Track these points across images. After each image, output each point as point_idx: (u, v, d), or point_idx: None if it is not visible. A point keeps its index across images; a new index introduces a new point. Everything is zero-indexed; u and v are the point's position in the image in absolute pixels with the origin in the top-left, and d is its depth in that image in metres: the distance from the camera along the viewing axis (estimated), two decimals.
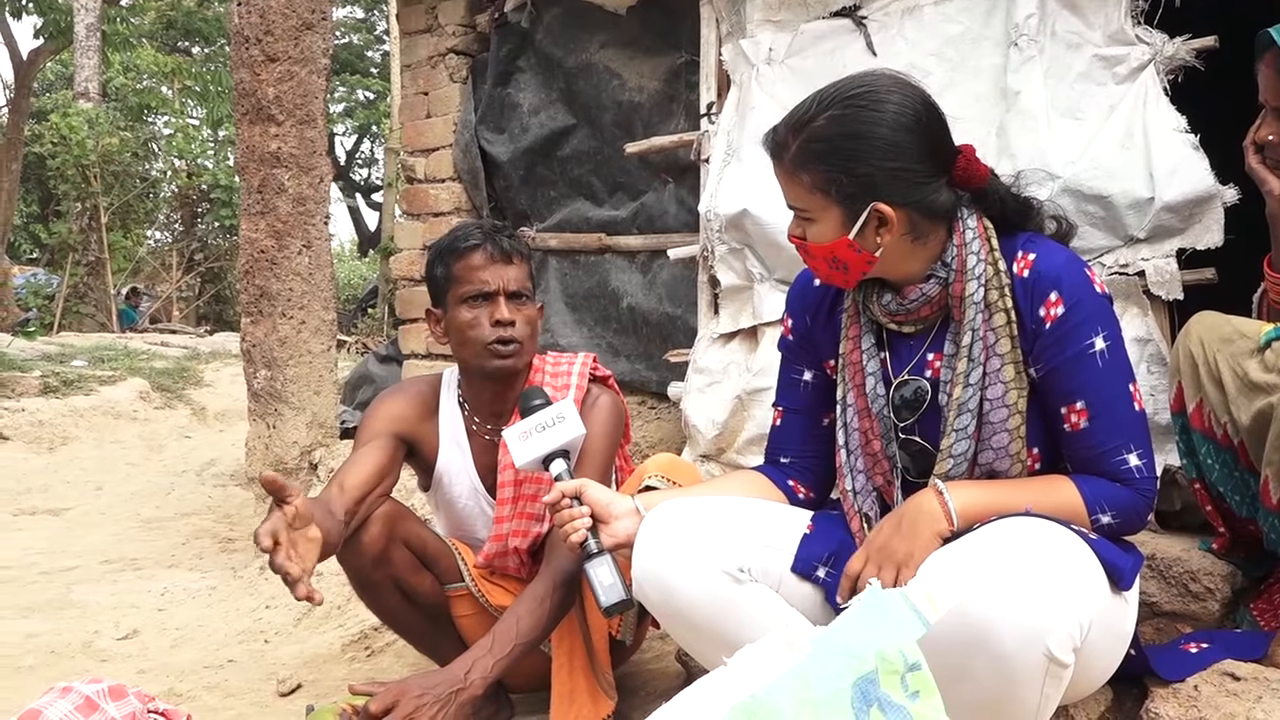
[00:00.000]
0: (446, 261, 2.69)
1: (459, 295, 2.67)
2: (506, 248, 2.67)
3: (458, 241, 2.68)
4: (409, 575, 2.74)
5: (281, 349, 4.90)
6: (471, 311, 2.66)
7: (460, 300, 2.67)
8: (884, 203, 1.96)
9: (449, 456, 2.83)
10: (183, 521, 6.21)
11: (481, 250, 2.65)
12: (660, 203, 4.91)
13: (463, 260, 2.66)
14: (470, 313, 2.66)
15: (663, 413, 4.84)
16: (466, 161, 5.68)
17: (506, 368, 2.69)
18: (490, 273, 2.65)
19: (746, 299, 3.90)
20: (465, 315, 2.66)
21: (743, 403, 3.79)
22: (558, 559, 2.51)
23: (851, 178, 1.95)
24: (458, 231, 2.72)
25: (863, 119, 1.95)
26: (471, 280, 2.65)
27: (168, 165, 19.55)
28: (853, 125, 1.95)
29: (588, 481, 2.24)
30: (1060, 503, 1.94)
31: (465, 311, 2.66)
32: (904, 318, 2.10)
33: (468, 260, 2.66)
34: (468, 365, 2.73)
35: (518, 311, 2.68)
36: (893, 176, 1.95)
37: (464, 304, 2.66)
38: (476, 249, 2.66)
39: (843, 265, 2.04)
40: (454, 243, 2.69)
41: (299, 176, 4.90)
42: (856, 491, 2.16)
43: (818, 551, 2.10)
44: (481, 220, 2.78)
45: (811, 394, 2.31)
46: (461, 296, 2.66)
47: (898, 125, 1.94)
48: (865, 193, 1.96)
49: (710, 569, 1.98)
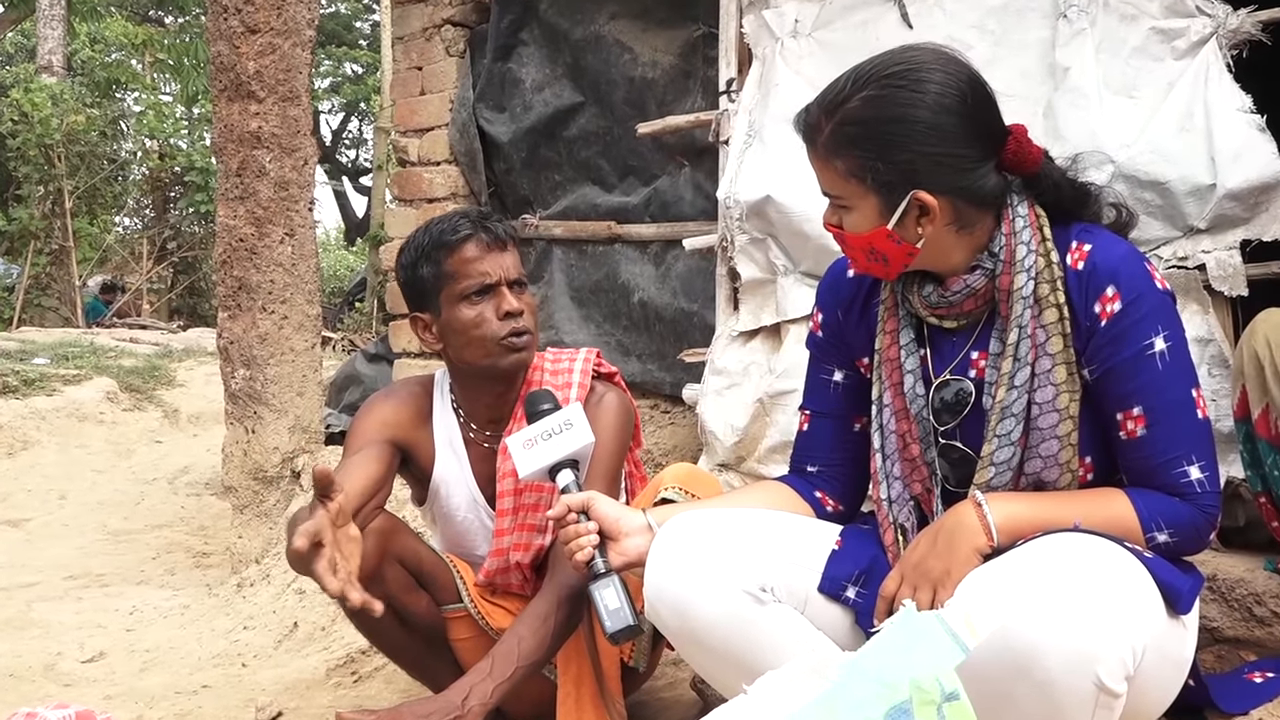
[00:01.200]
0: (435, 259, 2.66)
1: (457, 293, 2.65)
2: (500, 233, 2.66)
3: (445, 235, 2.65)
4: (403, 595, 2.75)
5: (261, 346, 4.91)
6: (474, 308, 2.64)
7: (459, 298, 2.65)
8: (926, 191, 1.95)
9: (446, 465, 2.83)
10: (153, 534, 6.22)
11: (474, 240, 2.64)
12: (675, 188, 4.92)
13: (455, 254, 2.64)
14: (473, 309, 2.64)
15: (677, 418, 4.85)
16: (464, 142, 5.70)
17: (521, 361, 2.69)
18: (488, 263, 2.64)
19: (769, 293, 3.90)
20: (467, 313, 2.64)
21: (765, 407, 3.79)
22: (562, 572, 2.51)
23: (890, 164, 1.95)
24: (440, 224, 2.69)
25: (901, 100, 1.95)
26: (469, 274, 2.63)
27: (138, 145, 19.57)
28: (891, 107, 1.95)
29: (596, 495, 2.24)
30: (1112, 517, 1.93)
31: (466, 309, 2.64)
32: (946, 311, 2.09)
33: (461, 253, 2.63)
34: (474, 366, 2.71)
35: (521, 300, 2.68)
36: (935, 163, 1.95)
37: (464, 301, 2.64)
38: (469, 239, 2.64)
39: (881, 257, 2.04)
40: (441, 237, 2.66)
41: (281, 158, 4.91)
42: (892, 501, 2.16)
43: (847, 569, 2.10)
44: (464, 209, 2.76)
45: (843, 396, 2.31)
46: (460, 294, 2.64)
47: (940, 107, 1.94)
48: (905, 181, 1.96)
49: (729, 588, 1.98)
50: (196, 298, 20.73)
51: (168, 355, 11.55)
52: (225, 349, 4.98)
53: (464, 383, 2.80)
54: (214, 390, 9.18)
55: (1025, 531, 1.92)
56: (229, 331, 4.96)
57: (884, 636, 1.46)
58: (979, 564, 1.90)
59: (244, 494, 5.00)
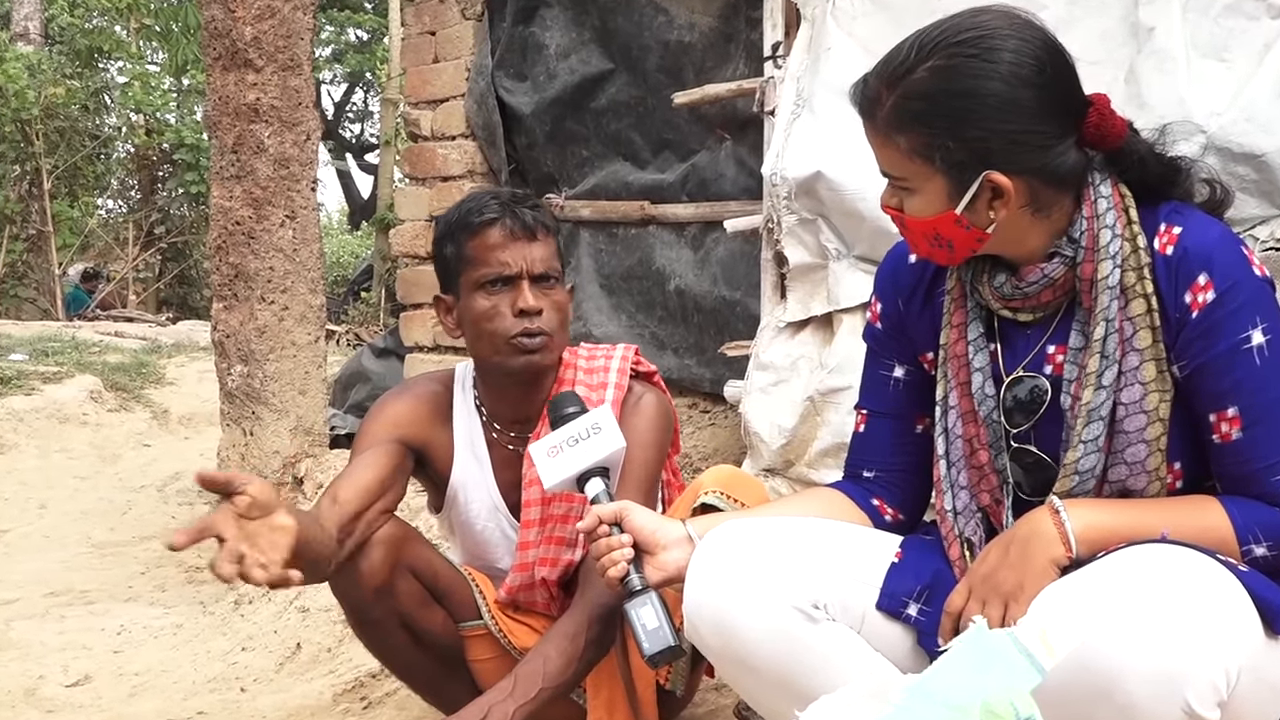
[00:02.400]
0: (458, 239, 2.69)
1: (474, 279, 2.66)
2: (529, 221, 2.66)
3: (470, 215, 2.67)
4: (417, 611, 2.75)
5: (260, 340, 4.95)
6: (489, 299, 2.65)
7: (475, 285, 2.67)
8: (999, 171, 1.94)
9: (466, 469, 2.84)
10: (142, 546, 6.26)
11: (499, 225, 2.65)
12: (715, 164, 4.92)
13: (477, 237, 2.65)
14: (487, 300, 2.65)
15: (717, 418, 4.86)
16: (481, 115, 5.72)
17: (533, 365, 2.69)
18: (511, 252, 2.64)
19: (820, 280, 3.90)
20: (481, 303, 2.66)
21: (815, 406, 3.79)
22: (593, 589, 2.52)
23: (959, 143, 1.94)
24: (470, 203, 2.72)
25: (972, 71, 1.94)
26: (488, 261, 2.65)
27: (123, 120, 19.69)
28: (960, 79, 1.94)
29: (630, 505, 2.25)
30: (1205, 528, 1.92)
31: (481, 299, 2.66)
32: (1021, 303, 2.08)
33: (483, 237, 2.65)
34: (486, 362, 2.74)
35: (544, 297, 2.67)
36: (1009, 140, 1.94)
37: (480, 290, 2.66)
38: (493, 224, 2.65)
39: (947, 243, 2.03)
40: (466, 216, 2.68)
41: (281, 133, 4.95)
42: (958, 512, 2.15)
43: (908, 584, 2.10)
44: (498, 188, 2.78)
45: (903, 394, 2.31)
46: (477, 281, 2.66)
47: (1015, 78, 1.93)
48: (976, 160, 1.95)
49: (778, 605, 1.99)
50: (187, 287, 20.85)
51: (156, 350, 11.61)
52: (220, 343, 5.02)
53: (486, 379, 2.82)
54: (207, 389, 9.23)
55: (1107, 542, 1.91)
56: (224, 324, 4.99)
57: (952, 657, 1.46)
58: (1055, 577, 1.89)
59: None
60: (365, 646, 2.84)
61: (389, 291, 15.90)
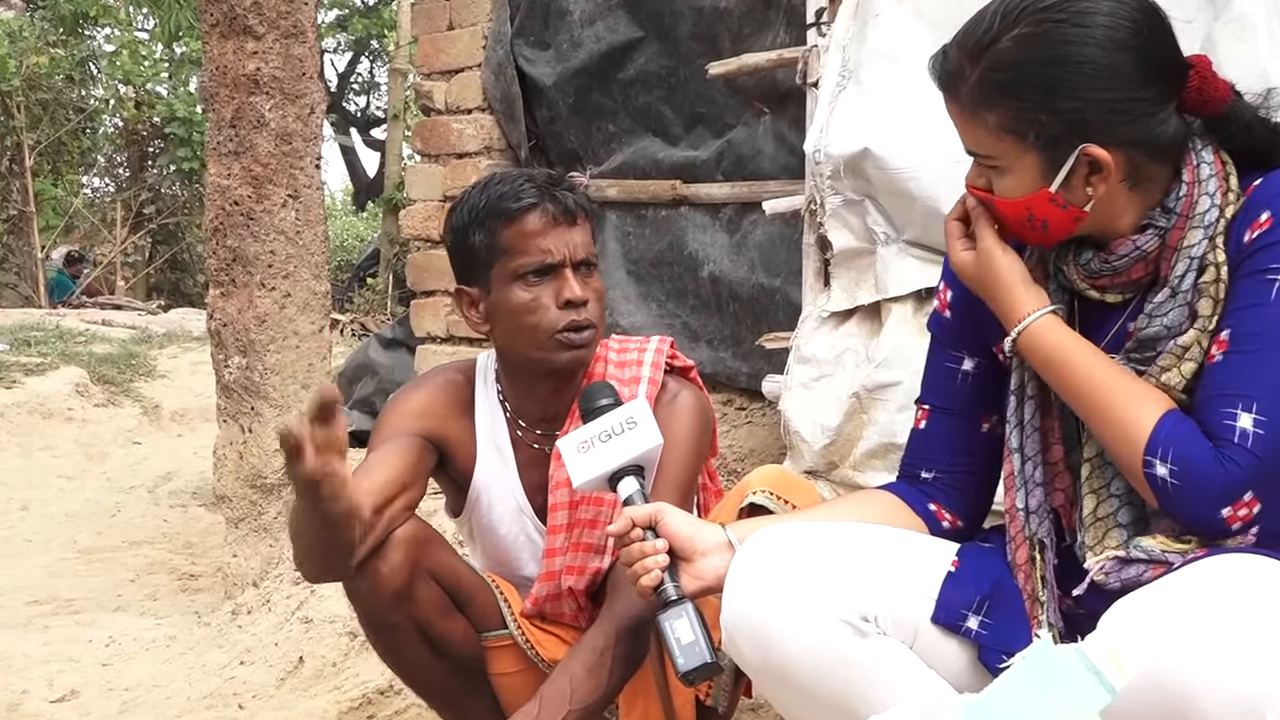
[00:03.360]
0: (490, 226, 2.67)
1: (512, 270, 2.65)
2: (571, 205, 2.66)
3: (506, 200, 2.65)
4: (437, 619, 2.74)
5: (260, 330, 4.96)
6: (530, 291, 2.64)
7: (513, 277, 2.65)
8: (1096, 144, 1.94)
9: (489, 468, 2.84)
10: (131, 552, 6.30)
11: (539, 211, 2.63)
12: (752, 140, 4.92)
13: (515, 225, 2.64)
14: (528, 292, 2.64)
15: (754, 415, 4.86)
16: (500, 86, 5.72)
17: (579, 360, 2.70)
18: (553, 239, 2.63)
19: (867, 266, 3.90)
20: (522, 296, 2.65)
21: (861, 403, 3.79)
22: (623, 599, 2.52)
23: (1053, 115, 1.94)
24: (501, 186, 2.69)
25: (1064, 37, 1.93)
26: (529, 250, 2.63)
27: (110, 92, 19.77)
28: (1051, 47, 1.94)
29: (665, 507, 2.25)
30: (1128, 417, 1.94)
31: (521, 291, 2.65)
32: (1109, 281, 2.08)
33: (521, 225, 2.64)
34: (525, 358, 2.72)
35: (587, 286, 2.67)
36: (1107, 110, 1.93)
37: (519, 281, 2.65)
38: (533, 209, 2.63)
39: (1041, 224, 2.03)
40: (500, 202, 2.66)
41: (283, 105, 4.96)
42: (1030, 511, 2.15)
43: (966, 595, 2.10)
44: (529, 169, 2.76)
45: (971, 388, 2.31)
46: (516, 271, 2.64)
47: (1110, 42, 1.92)
48: (1071, 133, 1.95)
49: (824, 617, 1.99)
50: (179, 272, 20.93)
51: (146, 340, 11.66)
52: (217, 333, 5.03)
53: (512, 373, 2.81)
54: (202, 382, 9.28)
55: (1045, 355, 2.04)
56: (221, 312, 5.00)
57: (1014, 674, 1.47)
58: None
59: (239, 505, 5.05)
60: (380, 656, 2.84)
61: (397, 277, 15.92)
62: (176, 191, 19.95)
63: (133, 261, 20.36)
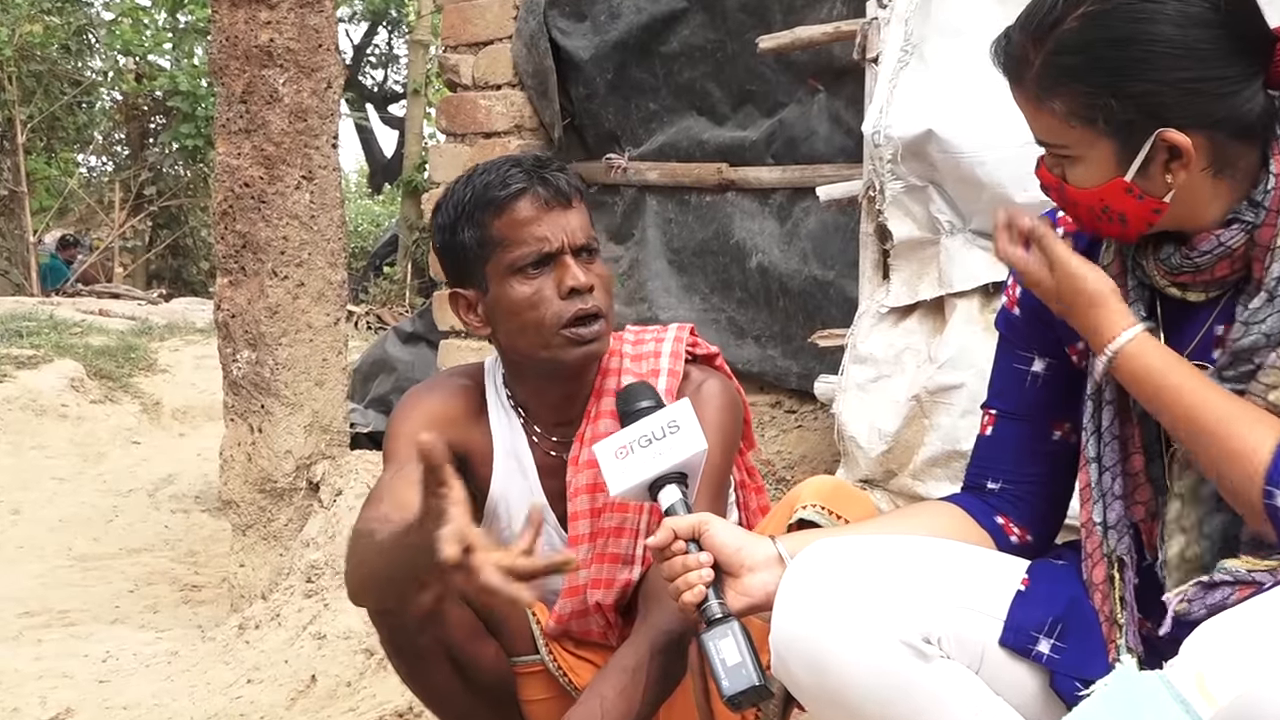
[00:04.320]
0: (479, 220, 2.66)
1: (507, 264, 2.64)
2: (563, 187, 2.65)
3: (492, 190, 2.64)
4: (467, 642, 2.76)
5: (271, 321, 4.98)
6: (528, 284, 2.63)
7: (510, 271, 2.64)
8: (1174, 128, 1.93)
9: (508, 478, 2.85)
10: (130, 560, 6.33)
11: (530, 196, 2.62)
12: (806, 120, 4.92)
13: (505, 215, 2.63)
14: (527, 285, 2.63)
15: (806, 419, 4.86)
16: (532, 60, 5.73)
17: (591, 355, 2.69)
18: (547, 224, 2.62)
19: (930, 258, 3.89)
20: (521, 290, 2.63)
21: (922, 406, 3.79)
22: (658, 613, 2.53)
23: (1125, 100, 1.93)
24: (486, 176, 2.68)
25: (1133, 14, 1.92)
26: (523, 240, 2.62)
27: (109, 63, 19.87)
28: (1121, 25, 1.93)
29: (710, 518, 2.25)
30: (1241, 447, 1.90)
31: (519, 285, 2.63)
32: (1191, 278, 2.06)
33: (512, 213, 2.63)
34: (531, 358, 2.70)
35: (590, 272, 2.66)
36: (1186, 91, 1.92)
37: (515, 275, 2.63)
38: (522, 195, 2.62)
39: (1118, 216, 2.02)
40: (487, 192, 2.65)
41: (298, 80, 4.98)
42: (1109, 526, 2.14)
43: (1037, 616, 2.09)
44: (517, 155, 2.74)
45: (1042, 392, 2.31)
46: (511, 265, 2.63)
47: (1185, 17, 1.91)
48: (1146, 118, 1.94)
49: (883, 638, 1.99)
50: (182, 259, 21.02)
51: (147, 332, 11.69)
52: (225, 324, 5.05)
53: (520, 376, 2.81)
54: (206, 377, 9.32)
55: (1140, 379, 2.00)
56: (230, 302, 5.03)
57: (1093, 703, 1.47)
58: None
59: (246, 510, 5.07)
60: (403, 680, 2.85)
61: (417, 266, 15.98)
62: (179, 171, 20.03)
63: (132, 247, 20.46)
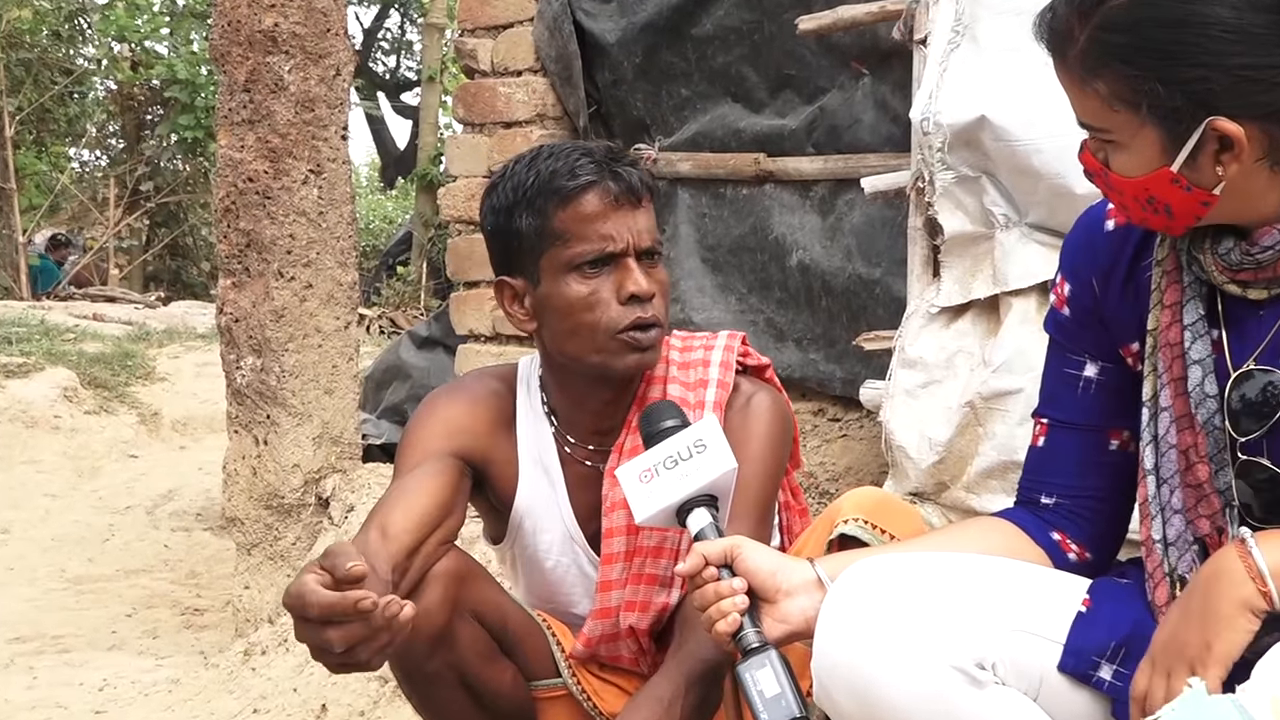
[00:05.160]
0: (541, 208, 2.66)
1: (566, 260, 2.64)
2: (635, 184, 2.65)
3: (560, 178, 2.64)
4: (481, 666, 2.76)
5: (277, 326, 5.00)
6: (586, 283, 2.63)
7: (567, 267, 2.64)
8: (1225, 117, 1.92)
9: (534, 490, 2.85)
10: (127, 582, 6.35)
11: (599, 190, 2.62)
12: (849, 107, 4.91)
13: (571, 206, 2.63)
14: (584, 285, 2.64)
15: (850, 427, 4.85)
16: (555, 44, 5.74)
17: (644, 364, 2.69)
18: (615, 223, 2.62)
19: (983, 254, 3.89)
20: (577, 289, 2.64)
21: (976, 413, 3.78)
22: (694, 642, 2.53)
23: (1173, 85, 1.92)
24: (554, 161, 2.68)
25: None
26: (587, 236, 2.63)
27: (102, 51, 19.93)
28: (1173, 5, 1.92)
29: (743, 541, 2.26)
30: None
31: (576, 283, 2.64)
32: (1252, 276, 2.06)
33: (578, 206, 2.62)
34: (579, 362, 2.71)
35: (652, 278, 2.66)
36: (1239, 78, 1.91)
37: (573, 272, 2.64)
38: (591, 188, 2.62)
39: (1163, 208, 2.02)
40: (554, 179, 2.64)
41: (305, 67, 4.99)
42: (1169, 542, 2.14)
43: (1099, 639, 2.09)
44: (583, 142, 2.73)
45: (1096, 398, 2.31)
46: (570, 261, 2.64)
47: (1244, 0, 1.90)
48: (1195, 105, 1.93)
49: (934, 664, 1.99)
50: (182, 259, 21.07)
51: (144, 338, 11.75)
52: (227, 329, 5.07)
53: (561, 379, 2.82)
54: (208, 386, 9.35)
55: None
56: (233, 305, 5.04)
57: None
58: (1251, 627, 1.88)
59: (252, 528, 5.09)
60: (414, 708, 2.85)
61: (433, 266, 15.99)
62: (178, 166, 20.09)
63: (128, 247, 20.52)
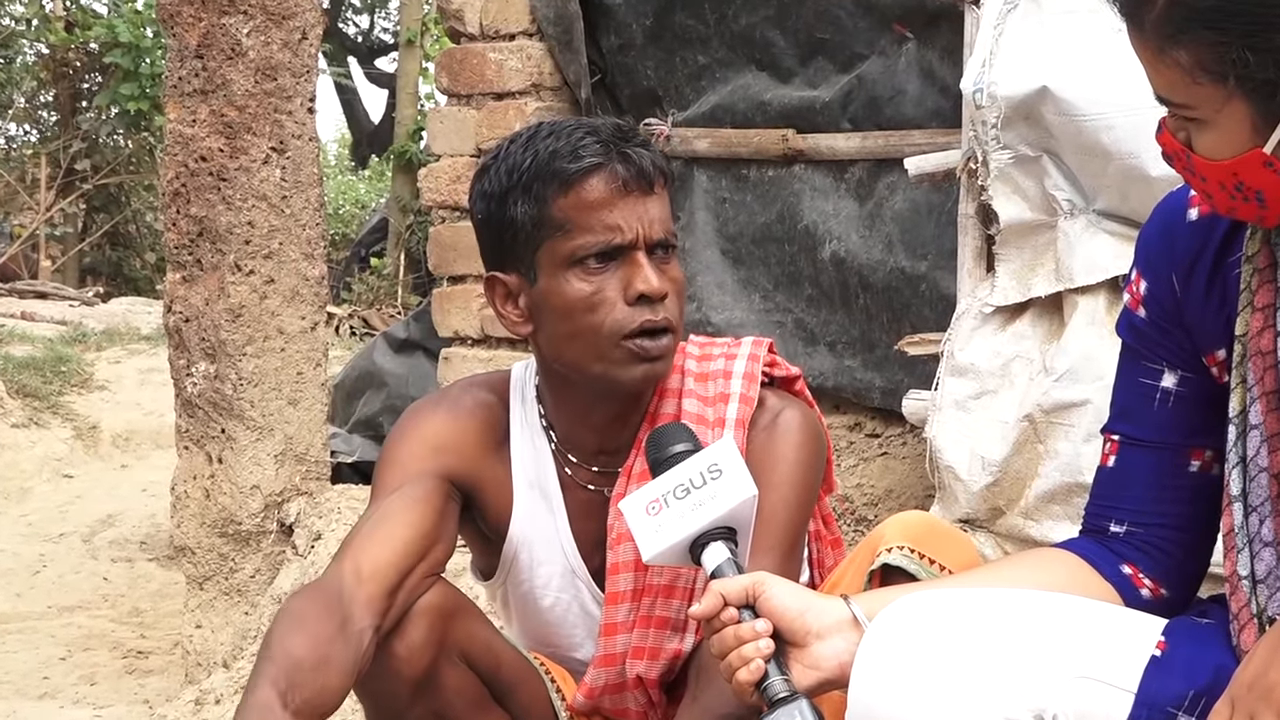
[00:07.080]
0: (539, 194, 2.64)
1: (567, 253, 2.63)
2: (647, 168, 2.63)
3: (561, 159, 2.62)
4: (470, 715, 2.75)
5: (234, 327, 5.00)
6: (589, 280, 2.62)
7: (569, 261, 2.63)
8: None
9: (530, 518, 2.85)
10: (61, 620, 6.36)
11: (606, 173, 2.61)
12: (891, 76, 4.93)
13: (572, 193, 2.61)
14: (588, 282, 2.62)
15: (892, 444, 4.86)
16: (553, 4, 5.75)
17: (653, 375, 2.69)
18: (622, 211, 2.61)
19: (1045, 245, 3.90)
20: (579, 287, 2.63)
21: (1036, 428, 3.79)
22: (711, 693, 2.53)
23: (1265, 54, 1.93)
24: (554, 141, 2.66)
25: None
26: (591, 226, 2.61)
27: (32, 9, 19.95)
28: None
29: (767, 577, 2.26)
30: None
31: (579, 280, 2.63)
32: None
33: (581, 192, 2.61)
34: (580, 371, 2.70)
35: (665, 276, 2.65)
36: None
37: (576, 267, 2.63)
38: (596, 171, 2.61)
39: (1254, 194, 2.02)
40: (554, 161, 2.63)
41: (266, 29, 5.00)
42: (1258, 580, 2.14)
43: (1176, 688, 2.09)
44: (591, 120, 2.72)
45: (1175, 412, 2.31)
46: (573, 254, 2.62)
47: None
48: None
49: (986, 715, 2.00)
50: (123, 250, 21.07)
51: (80, 339, 11.74)
52: (177, 330, 5.07)
53: (560, 390, 2.81)
54: (154, 395, 9.36)
55: None
56: (183, 303, 5.05)
57: None
58: None
59: (204, 559, 5.09)
60: None
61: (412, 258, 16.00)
62: (119, 142, 20.08)
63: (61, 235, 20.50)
